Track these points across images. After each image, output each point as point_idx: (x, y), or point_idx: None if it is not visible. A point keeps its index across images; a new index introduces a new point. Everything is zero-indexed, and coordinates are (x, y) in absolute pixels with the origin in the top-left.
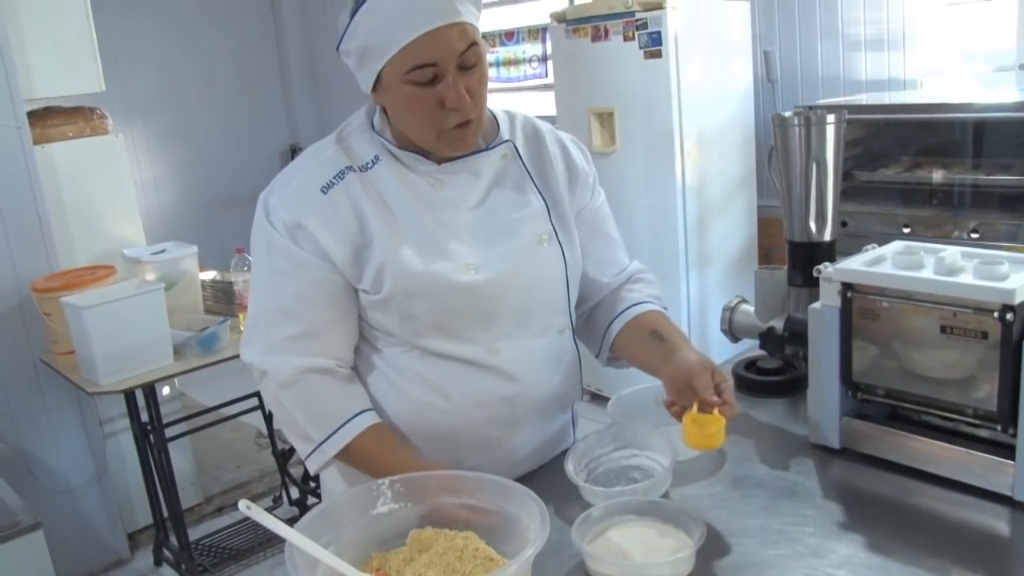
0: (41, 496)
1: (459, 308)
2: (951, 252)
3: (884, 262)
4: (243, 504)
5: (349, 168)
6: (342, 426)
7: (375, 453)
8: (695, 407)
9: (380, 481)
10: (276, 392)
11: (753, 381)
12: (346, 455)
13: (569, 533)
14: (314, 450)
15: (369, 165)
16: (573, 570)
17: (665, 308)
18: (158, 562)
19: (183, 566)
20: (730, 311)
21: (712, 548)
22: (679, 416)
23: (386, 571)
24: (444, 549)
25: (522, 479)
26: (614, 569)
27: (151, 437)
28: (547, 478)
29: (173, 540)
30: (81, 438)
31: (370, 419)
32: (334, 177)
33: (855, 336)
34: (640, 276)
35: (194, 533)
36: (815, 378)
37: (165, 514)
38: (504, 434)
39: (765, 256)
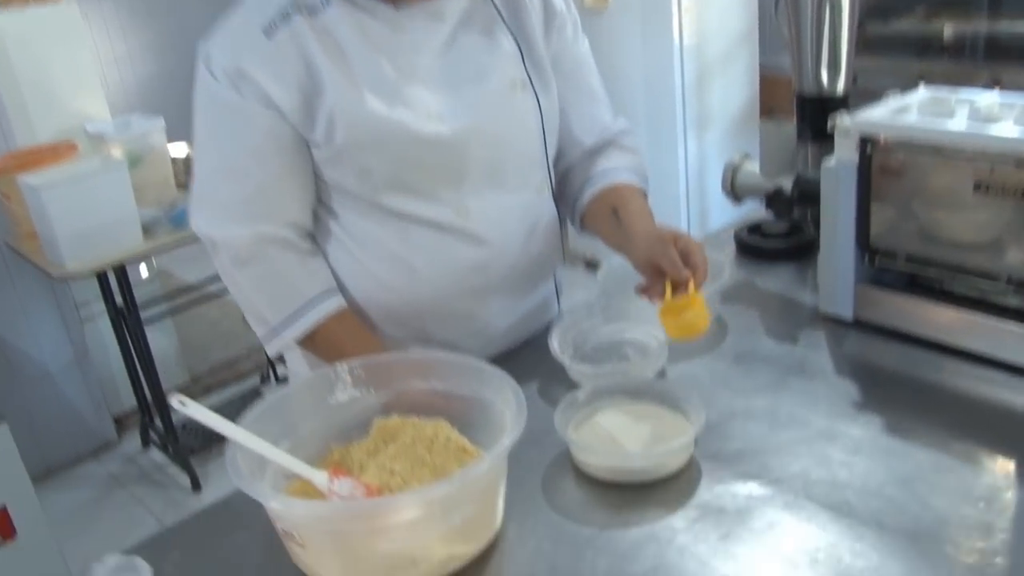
0: (19, 383)
1: (421, 162)
2: (988, 99)
3: (908, 112)
4: (176, 400)
5: (295, 8)
6: (304, 311)
7: (339, 341)
8: (668, 291)
9: (338, 366)
10: (230, 269)
11: (757, 246)
12: (308, 342)
13: (553, 418)
14: (272, 334)
15: (319, 7)
16: (557, 461)
17: (643, 178)
18: (145, 444)
19: (169, 448)
20: (733, 169)
21: (713, 432)
22: (660, 300)
23: (348, 465)
24: (412, 439)
25: (501, 357)
26: (603, 459)
27: (127, 319)
28: (529, 356)
29: (159, 422)
30: (56, 322)
31: (334, 303)
32: (277, 16)
33: (874, 196)
34: (619, 140)
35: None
36: (827, 242)
37: (149, 397)
38: (476, 307)
39: (768, 117)
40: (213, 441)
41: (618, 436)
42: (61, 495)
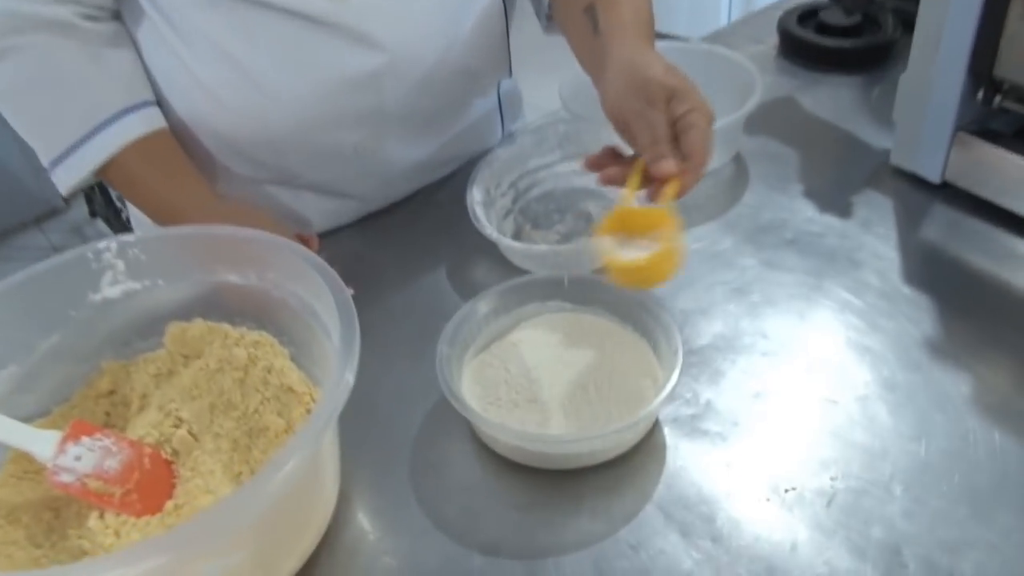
0: None
1: None
2: None
3: None
4: None
5: None
6: (96, 133)
7: (146, 180)
8: (631, 185)
9: (102, 244)
10: None
11: (809, 42)
12: (105, 176)
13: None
14: (54, 165)
15: None
16: (449, 420)
17: None
18: (93, 214)
19: (110, 220)
20: None
21: (701, 368)
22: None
23: (125, 396)
24: (219, 361)
25: (404, 212)
26: (509, 436)
27: None
28: (438, 209)
29: (98, 192)
30: None
31: (139, 124)
32: None
33: None
34: None
35: None
36: (921, 57)
37: None
38: (365, 140)
39: None
40: None
41: (540, 391)
42: None
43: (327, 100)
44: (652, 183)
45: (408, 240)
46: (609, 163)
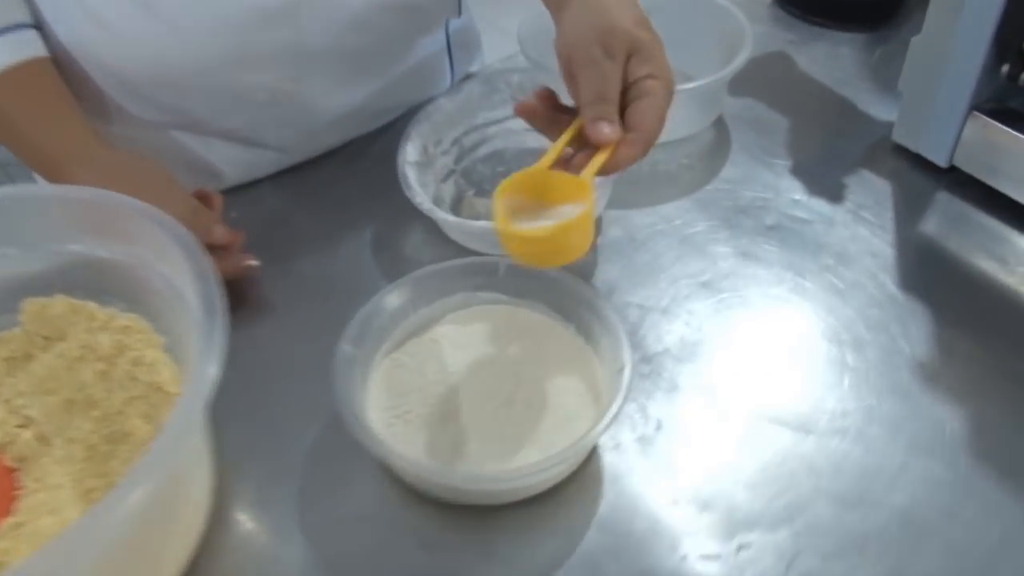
0: None
1: None
2: None
3: None
4: None
5: None
6: None
7: (15, 120)
8: (557, 146)
9: None
10: None
11: None
12: None
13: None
14: None
15: None
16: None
17: None
18: None
19: None
20: None
21: (656, 390)
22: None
23: None
24: (80, 350)
25: (333, 160)
26: (417, 468)
27: None
28: (371, 165)
29: None
30: None
31: (8, 50)
32: None
33: None
34: None
35: None
36: (939, 16)
37: None
38: (284, 81)
39: None
40: None
41: (458, 405)
42: None
43: (235, 32)
44: (584, 149)
45: (333, 201)
46: (543, 112)
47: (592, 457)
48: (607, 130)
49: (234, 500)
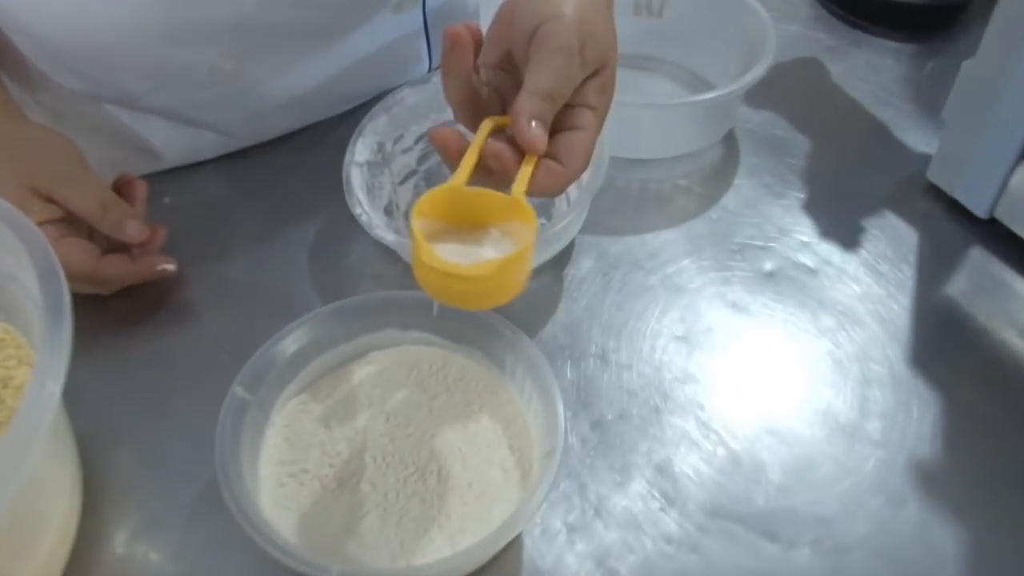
0: None
1: None
2: None
3: None
4: None
5: None
6: None
7: None
8: (466, 162)
9: None
10: None
11: None
12: None
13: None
14: None
15: None
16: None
17: None
18: None
19: None
20: None
21: (599, 466)
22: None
23: None
24: None
25: (285, 146)
26: (277, 553)
27: None
28: (325, 156)
29: None
30: None
31: None
32: None
33: None
34: None
35: None
36: (997, 39)
37: None
38: (225, 58)
39: None
40: None
41: (360, 470)
42: None
43: (164, 1)
44: (505, 153)
45: (278, 193)
46: (442, 137)
47: (513, 543)
48: (540, 134)
49: (114, 529)
